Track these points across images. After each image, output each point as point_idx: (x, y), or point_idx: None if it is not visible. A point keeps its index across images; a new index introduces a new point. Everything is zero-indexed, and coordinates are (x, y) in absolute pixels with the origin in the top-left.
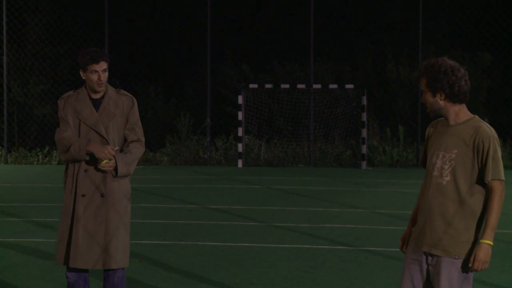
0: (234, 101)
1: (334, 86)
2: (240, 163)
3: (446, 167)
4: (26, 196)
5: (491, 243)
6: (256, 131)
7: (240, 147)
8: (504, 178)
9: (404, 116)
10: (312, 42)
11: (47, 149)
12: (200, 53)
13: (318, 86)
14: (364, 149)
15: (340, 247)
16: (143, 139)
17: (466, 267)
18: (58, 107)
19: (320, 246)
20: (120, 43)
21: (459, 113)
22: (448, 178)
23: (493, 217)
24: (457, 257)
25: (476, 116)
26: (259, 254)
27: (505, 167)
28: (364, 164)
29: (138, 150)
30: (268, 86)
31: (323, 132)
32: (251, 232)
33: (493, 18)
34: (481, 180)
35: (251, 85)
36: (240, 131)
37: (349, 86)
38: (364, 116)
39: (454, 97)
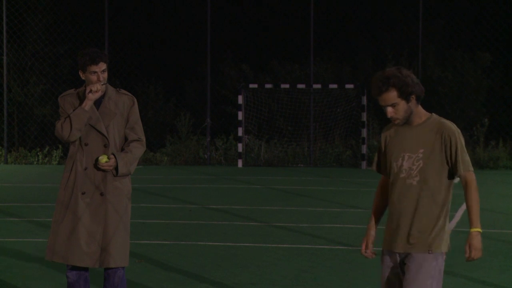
0: (234, 101)
1: (334, 86)
2: (240, 163)
3: (414, 167)
4: (26, 196)
5: (481, 230)
6: (256, 131)
7: (240, 147)
8: (473, 169)
9: None
10: (312, 42)
11: (47, 149)
12: (200, 53)
13: (318, 86)
14: (364, 149)
15: (340, 247)
16: (143, 138)
17: (436, 260)
18: (59, 104)
19: (320, 246)
20: (120, 43)
21: (420, 113)
22: (417, 178)
23: (476, 207)
24: (430, 251)
25: (434, 114)
26: (259, 254)
27: (505, 167)
28: (364, 164)
29: (138, 149)
30: (268, 86)
31: (323, 132)
32: (251, 232)
33: (493, 18)
34: (448, 175)
35: (251, 85)
36: (240, 131)
37: (349, 86)
38: (364, 116)
39: (420, 98)
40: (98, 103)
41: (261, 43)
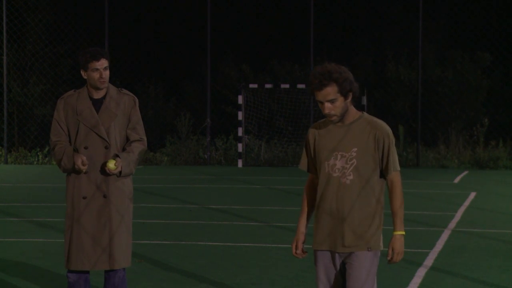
0: (234, 101)
1: None
2: (240, 163)
3: (348, 166)
4: (26, 196)
5: (404, 233)
6: (256, 131)
7: (240, 147)
8: (399, 169)
9: (404, 116)
10: (312, 42)
11: (47, 149)
12: (200, 53)
13: None
14: None
15: None
16: (145, 138)
17: (376, 257)
18: (56, 107)
19: None
20: (120, 43)
21: (352, 111)
22: (351, 177)
23: (401, 209)
24: (369, 249)
25: (365, 112)
26: (259, 254)
27: (505, 167)
28: None
29: (139, 149)
30: (268, 86)
31: None
32: (251, 232)
33: (493, 18)
34: (380, 173)
35: (251, 85)
36: (240, 131)
37: None
38: None
39: (355, 96)
40: (99, 103)
41: (261, 43)
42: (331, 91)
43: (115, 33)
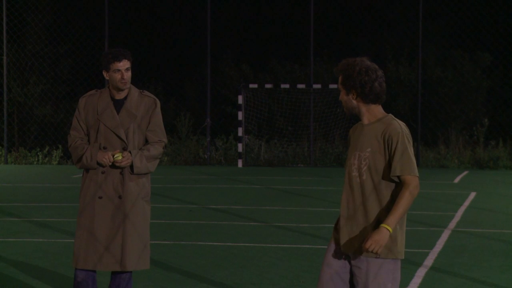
0: (234, 101)
1: (334, 86)
2: (240, 163)
3: (362, 166)
4: (26, 196)
5: (391, 230)
6: (256, 131)
7: (240, 147)
8: (417, 174)
9: (404, 116)
10: (312, 42)
11: (47, 149)
12: (200, 53)
13: (318, 86)
14: None
15: None
16: (165, 140)
17: (388, 264)
18: (78, 105)
19: (320, 246)
20: (120, 43)
21: (372, 112)
22: (364, 177)
23: (401, 209)
24: (378, 256)
25: (390, 115)
26: (259, 254)
27: (505, 167)
28: None
29: (156, 149)
30: (268, 86)
31: (323, 132)
32: (251, 232)
33: (493, 18)
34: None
35: (251, 85)
36: (240, 131)
37: None
38: None
39: (365, 97)
40: (120, 104)
41: (261, 43)
42: (339, 80)
43: (115, 33)
